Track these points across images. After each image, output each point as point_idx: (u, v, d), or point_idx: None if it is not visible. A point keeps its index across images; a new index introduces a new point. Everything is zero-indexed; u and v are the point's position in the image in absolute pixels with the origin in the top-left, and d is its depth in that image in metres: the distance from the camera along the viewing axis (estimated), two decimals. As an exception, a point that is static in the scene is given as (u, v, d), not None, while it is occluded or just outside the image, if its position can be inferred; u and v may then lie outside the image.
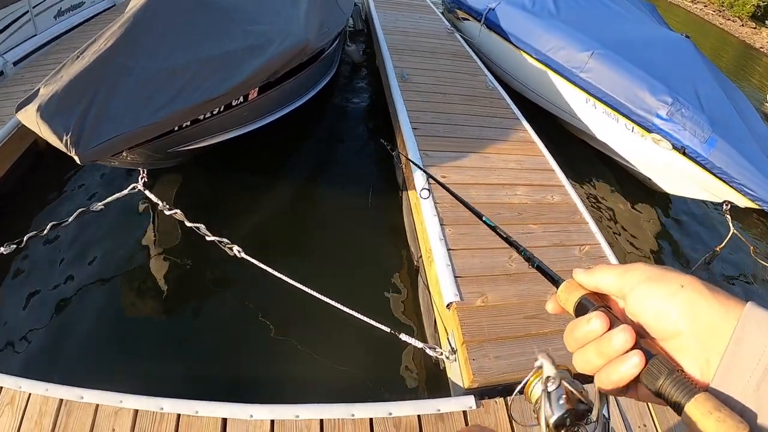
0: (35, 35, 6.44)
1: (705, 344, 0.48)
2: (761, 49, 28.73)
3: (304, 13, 4.67)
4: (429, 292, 3.54)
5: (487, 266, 3.36)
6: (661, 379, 0.49)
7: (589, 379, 0.56)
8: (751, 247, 5.20)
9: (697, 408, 0.45)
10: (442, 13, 10.16)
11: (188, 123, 3.39)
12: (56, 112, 2.63)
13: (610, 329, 0.53)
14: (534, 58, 6.58)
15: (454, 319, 2.96)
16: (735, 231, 4.70)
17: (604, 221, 5.49)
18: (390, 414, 2.45)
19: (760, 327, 0.45)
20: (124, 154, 3.02)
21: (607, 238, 4.07)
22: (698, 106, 4.82)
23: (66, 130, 2.60)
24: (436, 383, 3.19)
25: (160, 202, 3.39)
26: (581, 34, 6.10)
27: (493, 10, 7.72)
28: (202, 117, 3.49)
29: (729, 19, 35.34)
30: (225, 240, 3.23)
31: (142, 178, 3.52)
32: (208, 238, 3.22)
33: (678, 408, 0.47)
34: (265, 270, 3.11)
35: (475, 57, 7.47)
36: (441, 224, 3.60)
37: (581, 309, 0.60)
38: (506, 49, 7.33)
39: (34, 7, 6.41)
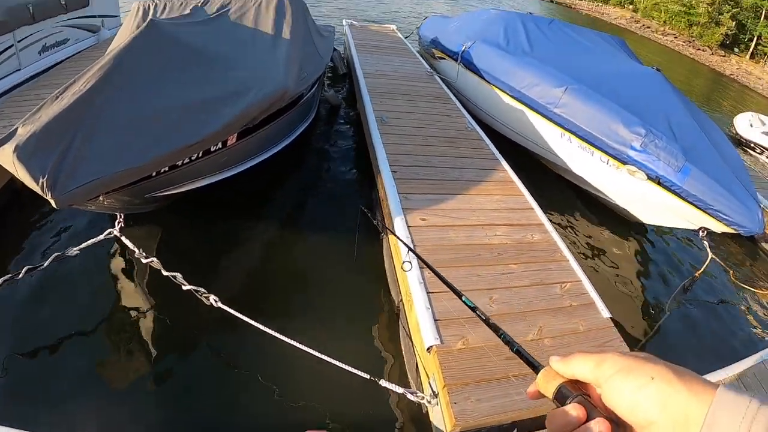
0: (19, 69, 6.52)
1: (679, 431, 0.50)
2: (731, 76, 29.56)
3: (284, 60, 4.72)
4: (410, 336, 3.53)
5: (466, 309, 3.34)
6: None
7: None
8: (731, 272, 5.34)
9: None
10: (421, 55, 10.37)
11: (166, 168, 3.37)
12: (33, 153, 2.60)
13: (587, 420, 0.56)
14: (510, 95, 6.70)
15: (434, 362, 2.95)
16: (713, 256, 4.76)
17: (585, 255, 5.55)
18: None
19: (731, 411, 0.47)
20: (101, 198, 2.99)
21: (588, 272, 4.11)
22: (671, 136, 4.93)
23: (43, 172, 2.58)
24: (420, 427, 3.16)
25: (136, 250, 3.36)
26: (555, 70, 6.23)
27: (469, 49, 7.93)
28: (180, 163, 3.47)
29: (699, 49, 36.37)
30: (201, 289, 3.19)
31: (118, 223, 3.50)
32: (184, 287, 3.19)
33: None
34: (243, 319, 3.09)
35: (453, 98, 7.62)
36: (420, 268, 3.60)
37: (560, 397, 0.62)
38: (483, 88, 7.47)
39: (19, 41, 6.52)
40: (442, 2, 30.40)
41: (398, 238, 3.56)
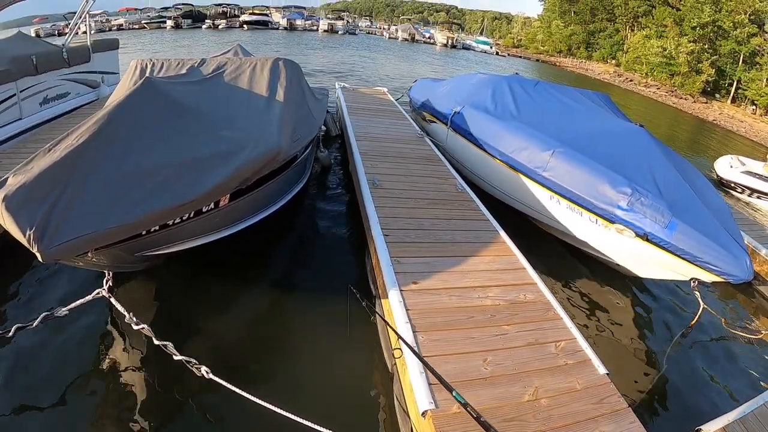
0: (20, 119, 6.71)
1: None
2: (714, 121, 30.26)
3: (278, 120, 4.73)
4: (404, 401, 3.51)
5: (461, 371, 3.38)
6: None
7: None
8: (722, 319, 5.43)
9: None
10: (412, 117, 10.61)
11: (157, 227, 3.34)
12: (22, 204, 2.59)
13: None
14: (499, 159, 6.85)
15: (430, 427, 2.93)
16: (705, 306, 4.88)
17: (579, 311, 5.56)
18: None
19: None
20: (90, 255, 2.95)
21: (583, 329, 4.14)
22: (657, 193, 5.04)
23: (30, 224, 2.55)
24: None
25: (126, 314, 3.31)
26: (542, 134, 6.39)
27: (459, 113, 8.14)
28: (171, 222, 3.45)
29: (681, 98, 37.34)
30: (193, 360, 3.16)
31: (107, 282, 3.46)
32: (176, 358, 3.17)
33: None
34: (234, 390, 3.07)
35: (444, 160, 7.76)
36: (414, 332, 3.63)
37: None
38: (473, 152, 7.63)
39: (21, 92, 6.72)
40: (429, 64, 31.42)
41: (387, 323, 3.55)
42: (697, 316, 4.91)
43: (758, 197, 11.39)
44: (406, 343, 2.42)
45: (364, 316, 4.58)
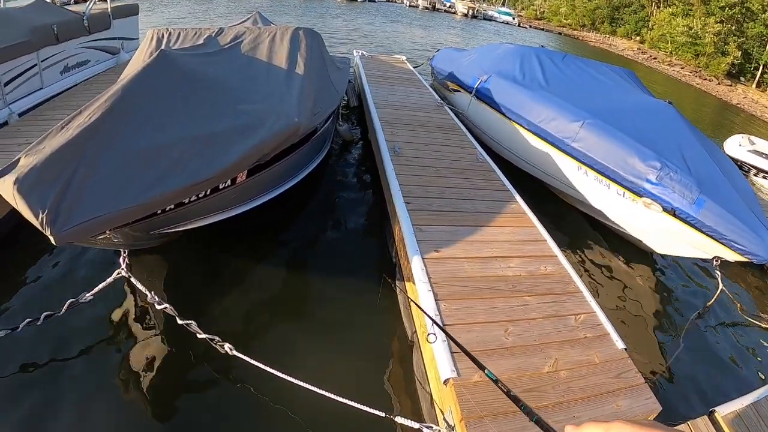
0: (41, 88, 6.72)
1: None
2: (738, 105, 29.70)
3: (297, 93, 4.61)
4: (424, 368, 3.54)
5: (483, 340, 3.39)
6: None
7: None
8: (738, 305, 5.46)
9: None
10: (431, 86, 10.50)
11: (173, 206, 3.24)
12: (34, 186, 2.50)
13: None
14: (526, 129, 6.84)
15: (451, 395, 2.95)
16: (723, 287, 4.96)
17: (598, 285, 5.56)
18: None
19: None
20: (107, 234, 2.88)
21: (602, 303, 4.12)
22: (685, 169, 5.06)
23: (43, 207, 2.47)
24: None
25: (148, 293, 3.28)
26: (571, 105, 6.37)
27: (485, 82, 8.07)
28: (187, 200, 3.35)
29: (705, 79, 36.62)
30: (216, 338, 3.17)
31: (124, 261, 3.41)
32: (199, 336, 3.18)
33: None
34: (255, 365, 3.09)
35: (464, 129, 7.69)
36: (436, 300, 3.64)
37: None
38: (497, 120, 7.59)
39: (42, 61, 6.72)
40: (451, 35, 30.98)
41: (421, 309, 3.44)
42: (714, 297, 5.00)
43: (763, 177, 11.29)
44: (435, 321, 2.40)
45: (385, 286, 4.60)
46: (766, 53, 37.24)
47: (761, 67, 37.67)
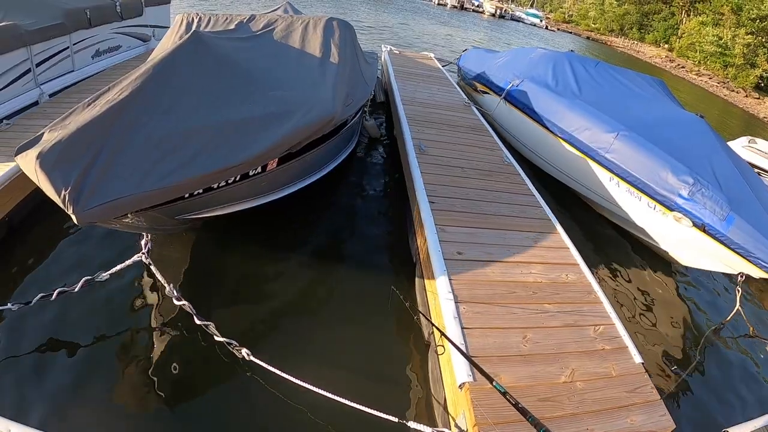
0: (72, 71, 6.80)
1: None
2: (764, 118, 29.26)
3: (332, 84, 4.58)
4: (440, 372, 3.52)
5: (500, 346, 3.37)
6: None
7: None
8: (751, 328, 5.45)
9: None
10: (458, 85, 10.45)
11: (200, 191, 3.19)
12: (58, 162, 2.43)
13: None
14: (558, 136, 6.88)
15: (466, 400, 2.93)
16: (741, 306, 5.01)
17: (618, 296, 5.54)
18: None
19: None
20: (128, 217, 2.81)
21: (621, 314, 4.11)
22: (716, 186, 5.13)
23: (66, 184, 2.39)
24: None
25: (167, 286, 3.24)
26: (605, 116, 6.42)
27: (517, 86, 8.12)
28: (216, 185, 3.29)
29: (733, 90, 36.12)
30: (234, 342, 3.14)
31: (146, 245, 3.35)
32: (216, 338, 3.15)
33: None
34: (272, 370, 3.07)
35: (491, 131, 7.65)
36: (456, 302, 3.63)
37: None
38: (528, 124, 7.65)
39: (75, 44, 6.80)
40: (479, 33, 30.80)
41: (428, 319, 3.48)
42: (732, 314, 5.05)
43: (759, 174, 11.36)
44: (442, 333, 2.39)
45: (405, 286, 4.58)
46: (796, 67, 36.66)
47: (791, 82, 37.07)
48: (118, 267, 3.43)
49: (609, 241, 6.60)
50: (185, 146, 3.00)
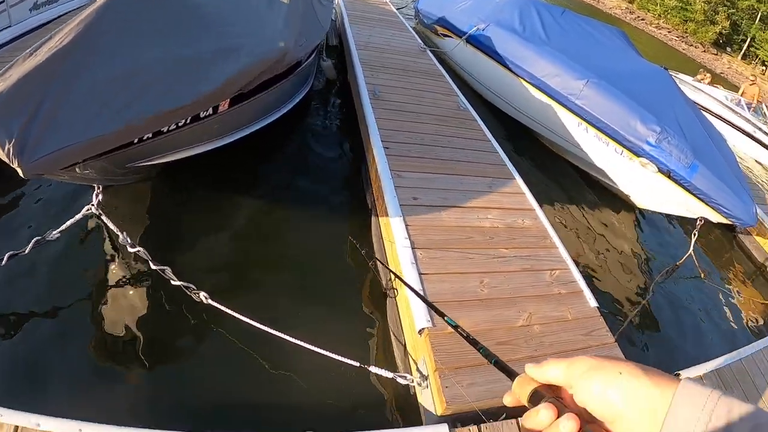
0: (9, 26, 6.27)
1: (646, 423, 0.53)
2: (721, 74, 29.83)
3: (284, 20, 4.35)
4: (399, 318, 3.48)
5: (458, 291, 3.34)
6: None
7: None
8: (702, 273, 5.78)
9: None
10: (415, 29, 10.21)
11: (150, 135, 3.03)
12: (0, 115, 2.31)
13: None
14: (527, 81, 6.87)
15: (426, 345, 2.90)
16: (692, 251, 5.27)
17: (575, 240, 5.62)
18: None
19: (693, 402, 0.51)
20: (77, 168, 2.67)
21: (578, 258, 4.14)
22: (681, 135, 5.33)
23: (9, 136, 2.27)
24: (409, 411, 3.10)
25: (120, 234, 3.10)
26: (575, 63, 6.47)
27: (482, 31, 8.00)
28: (165, 129, 3.13)
29: (692, 45, 36.61)
30: (191, 286, 3.04)
31: (97, 196, 3.18)
32: (173, 282, 3.04)
33: None
34: (231, 314, 2.99)
35: (447, 76, 7.53)
36: (412, 248, 3.55)
37: (534, 400, 0.63)
38: (493, 68, 7.62)
39: None
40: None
41: (383, 263, 3.42)
42: (685, 256, 5.24)
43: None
44: (395, 273, 2.28)
45: (362, 233, 4.48)
46: (755, 27, 37.30)
47: (748, 40, 37.77)
48: (69, 222, 3.23)
49: (568, 185, 6.71)
50: (132, 89, 2.82)
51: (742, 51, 37.99)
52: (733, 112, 13.07)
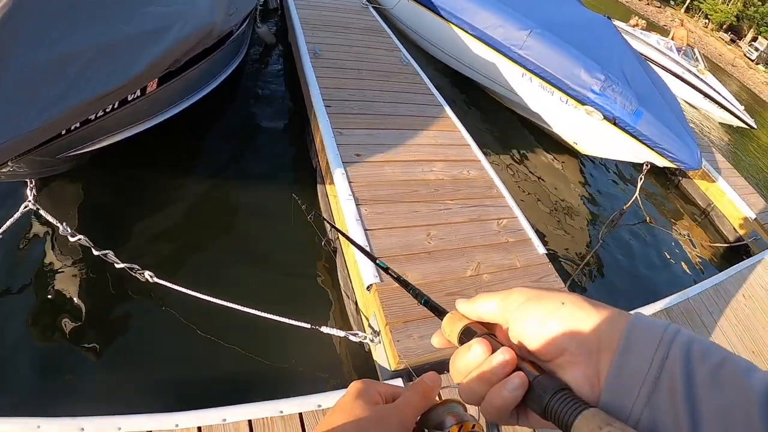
0: None
1: (592, 358, 0.45)
2: (664, 26, 30.39)
3: None
4: (348, 276, 3.45)
5: (405, 245, 3.31)
6: (546, 399, 0.45)
7: None
8: (647, 216, 5.96)
9: (586, 425, 0.41)
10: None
11: (78, 124, 2.93)
12: None
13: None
14: (469, 33, 6.79)
15: (375, 301, 2.89)
16: (638, 196, 5.42)
17: (523, 189, 5.70)
18: (319, 406, 2.37)
19: (646, 337, 0.44)
20: (10, 164, 2.59)
21: (524, 208, 4.16)
22: (625, 83, 5.46)
23: None
24: (366, 369, 3.10)
25: (60, 225, 2.98)
26: (518, 14, 6.40)
27: None
28: (93, 116, 3.04)
29: (636, -2, 37.02)
30: (136, 266, 2.96)
31: (32, 191, 3.09)
32: (117, 266, 2.95)
33: (566, 427, 0.42)
34: (178, 290, 2.93)
35: (389, 32, 7.39)
36: (357, 204, 3.50)
37: (465, 338, 0.56)
38: (433, 22, 7.51)
39: None
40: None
41: (325, 219, 3.46)
42: (631, 201, 5.35)
43: None
44: (353, 242, 2.22)
45: (308, 196, 4.39)
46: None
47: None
48: (8, 223, 3.09)
49: (514, 135, 6.79)
50: (57, 79, 2.68)
51: (686, 4, 38.70)
52: (664, 55, 13.57)
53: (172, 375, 3.03)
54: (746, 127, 13.36)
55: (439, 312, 0.67)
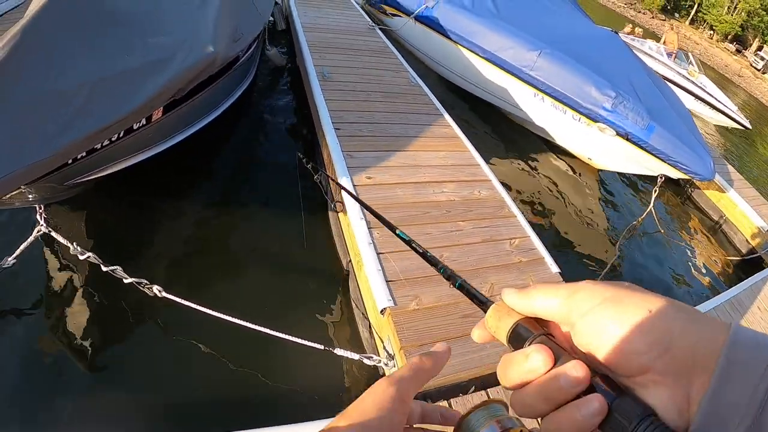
0: None
1: (683, 379, 0.37)
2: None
3: (213, 20, 4.15)
4: (361, 299, 3.44)
5: (418, 267, 3.28)
6: (629, 429, 0.37)
7: None
8: (662, 230, 5.91)
9: None
10: (362, 8, 10.07)
11: (84, 153, 2.98)
12: None
13: (554, 366, 0.41)
14: (480, 56, 6.86)
15: (389, 324, 2.88)
16: (653, 209, 5.40)
17: (532, 209, 5.65)
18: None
19: (750, 359, 0.35)
20: (20, 191, 2.66)
21: (536, 227, 4.15)
22: (636, 98, 5.51)
23: None
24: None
25: (71, 246, 3.06)
26: (527, 34, 6.47)
27: (431, 8, 7.86)
28: (99, 145, 3.07)
29: (640, 12, 37.19)
30: (144, 281, 2.97)
31: (41, 216, 3.16)
32: (126, 281, 2.97)
33: None
34: (187, 305, 2.93)
35: (397, 53, 7.43)
36: (369, 227, 3.50)
37: (516, 338, 0.47)
38: (444, 45, 7.58)
39: None
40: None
41: (332, 179, 3.40)
42: (646, 212, 5.37)
43: None
44: (349, 192, 2.22)
45: (319, 219, 4.43)
46: (702, -9, 38.08)
47: (696, 5, 38.51)
48: (23, 246, 3.19)
49: (527, 152, 6.81)
50: (63, 110, 2.72)
51: (690, 16, 38.75)
52: (658, 61, 13.74)
53: (179, 397, 3.02)
54: (741, 128, 13.38)
55: (479, 300, 0.58)
